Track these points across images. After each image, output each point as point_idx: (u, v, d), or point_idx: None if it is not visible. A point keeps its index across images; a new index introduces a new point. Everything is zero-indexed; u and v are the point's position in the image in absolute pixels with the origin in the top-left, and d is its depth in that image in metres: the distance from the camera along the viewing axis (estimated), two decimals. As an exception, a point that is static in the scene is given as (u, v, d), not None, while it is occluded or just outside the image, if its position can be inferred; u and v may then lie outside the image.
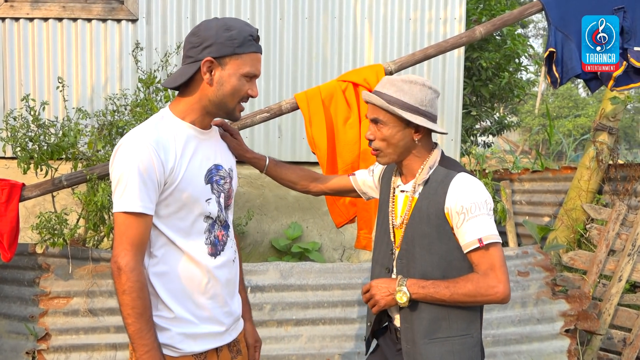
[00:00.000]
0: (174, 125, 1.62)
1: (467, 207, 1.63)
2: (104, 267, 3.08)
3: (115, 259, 1.50)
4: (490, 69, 7.41)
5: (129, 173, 1.49)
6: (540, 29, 39.99)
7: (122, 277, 1.49)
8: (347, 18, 4.63)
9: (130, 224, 1.50)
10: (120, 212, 1.51)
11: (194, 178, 1.61)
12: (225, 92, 1.61)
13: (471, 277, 1.64)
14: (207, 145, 1.69)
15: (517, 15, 3.04)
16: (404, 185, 1.79)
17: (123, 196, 1.50)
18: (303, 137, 4.61)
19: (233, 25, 1.60)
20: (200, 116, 1.66)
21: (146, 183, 1.50)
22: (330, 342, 3.18)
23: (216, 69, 1.59)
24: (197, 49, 1.59)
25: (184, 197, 1.58)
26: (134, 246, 1.51)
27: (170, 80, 1.65)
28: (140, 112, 3.18)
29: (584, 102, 31.55)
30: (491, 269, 1.62)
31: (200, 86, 1.61)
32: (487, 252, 1.63)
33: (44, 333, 2.97)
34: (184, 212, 1.60)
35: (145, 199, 1.51)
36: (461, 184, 1.66)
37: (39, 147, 2.91)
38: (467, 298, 1.63)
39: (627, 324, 3.43)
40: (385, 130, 1.71)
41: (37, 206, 4.18)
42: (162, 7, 4.51)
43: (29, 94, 3.04)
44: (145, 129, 1.58)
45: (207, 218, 1.64)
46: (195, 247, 1.62)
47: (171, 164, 1.55)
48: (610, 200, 4.24)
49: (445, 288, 1.64)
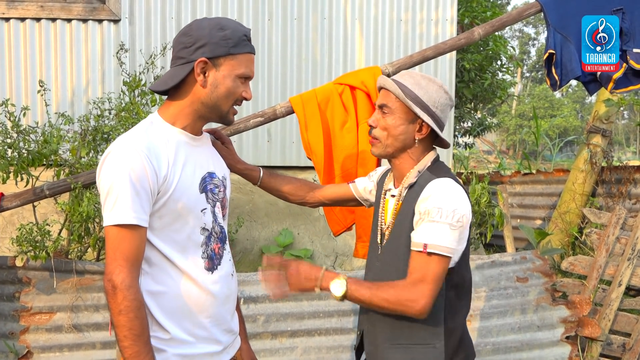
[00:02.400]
0: (164, 131, 1.53)
1: (429, 209, 1.54)
2: (88, 280, 2.93)
3: (110, 276, 1.38)
4: (473, 71, 7.43)
5: (120, 182, 1.39)
6: (515, 30, 40.59)
7: (118, 296, 1.37)
8: (337, 19, 4.54)
9: (124, 238, 1.39)
10: (112, 225, 1.40)
11: (188, 187, 1.51)
12: (219, 95, 1.53)
13: (397, 283, 1.54)
14: (199, 152, 1.60)
15: (515, 16, 2.97)
16: (394, 189, 1.73)
17: (114, 208, 1.39)
18: (293, 141, 4.51)
19: (227, 25, 1.52)
20: (192, 121, 1.57)
21: (139, 193, 1.40)
22: (326, 353, 3.09)
23: (210, 71, 1.51)
24: (189, 50, 1.50)
25: (179, 208, 1.48)
26: (129, 262, 1.40)
27: (160, 83, 1.55)
28: (126, 116, 3.04)
29: (559, 102, 32.11)
30: (421, 281, 1.51)
31: (193, 89, 1.53)
32: (426, 260, 1.52)
33: (25, 351, 2.82)
34: (179, 224, 1.50)
35: (139, 210, 1.40)
36: (434, 188, 1.57)
37: (18, 154, 2.75)
38: (386, 304, 1.52)
39: (626, 329, 3.40)
40: (389, 119, 1.66)
41: (15, 215, 4.00)
42: (146, 7, 4.36)
43: (8, 98, 2.88)
44: (135, 135, 1.48)
45: (203, 230, 1.55)
46: (191, 262, 1.52)
47: (164, 172, 1.45)
48: (604, 203, 4.22)
49: (367, 288, 1.54)
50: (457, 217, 1.54)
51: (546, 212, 4.82)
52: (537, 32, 41.17)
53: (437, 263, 1.52)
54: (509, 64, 8.68)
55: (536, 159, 7.60)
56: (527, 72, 39.28)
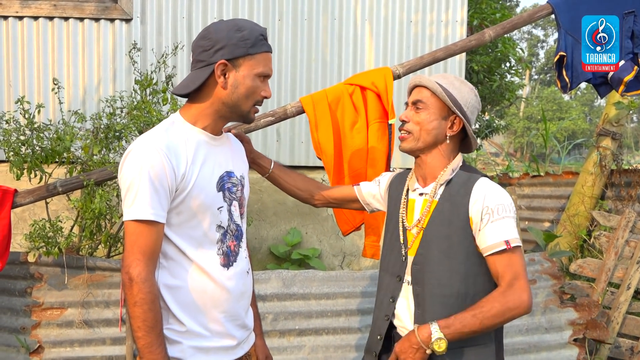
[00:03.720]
0: (184, 131, 1.57)
1: (492, 208, 1.58)
2: (99, 277, 2.96)
3: (127, 269, 1.44)
4: (481, 72, 7.42)
5: (140, 179, 1.44)
6: (524, 32, 40.40)
7: (134, 288, 1.43)
8: (347, 20, 4.54)
9: (142, 233, 1.45)
10: (131, 220, 1.46)
11: (205, 185, 1.56)
12: (240, 95, 1.57)
13: (494, 296, 1.55)
14: (218, 151, 1.64)
15: (527, 18, 2.98)
16: (422, 188, 1.75)
17: (134, 204, 1.45)
18: (302, 141, 4.52)
19: (243, 26, 1.56)
20: (212, 121, 1.61)
21: (157, 190, 1.46)
22: (334, 352, 3.10)
23: (230, 72, 1.55)
24: (209, 52, 1.54)
25: (196, 205, 1.53)
26: (145, 255, 1.45)
27: (182, 86, 1.59)
28: (138, 115, 3.06)
29: (568, 105, 31.95)
30: (516, 279, 1.54)
31: (214, 90, 1.57)
32: (512, 256, 1.56)
33: (37, 346, 2.85)
34: (196, 221, 1.55)
35: (157, 207, 1.46)
36: (486, 186, 1.63)
37: (32, 151, 2.78)
38: (497, 319, 1.54)
39: (635, 332, 3.39)
40: (423, 114, 1.70)
41: (27, 211, 4.04)
42: (157, 7, 4.39)
43: (23, 96, 2.91)
44: (155, 134, 1.53)
45: (219, 227, 1.59)
46: (207, 258, 1.57)
47: (182, 170, 1.50)
48: (614, 206, 4.20)
49: (473, 317, 1.54)
50: (514, 210, 1.62)
51: (555, 214, 4.81)
52: (546, 34, 41.00)
53: (520, 255, 1.58)
54: (518, 66, 8.69)
55: (544, 162, 7.57)
56: (536, 75, 39.10)
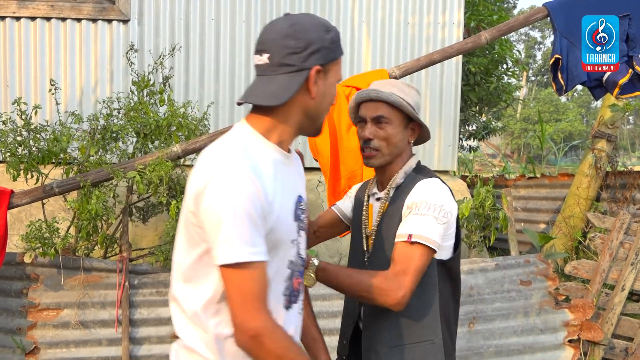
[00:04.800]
0: (260, 147, 1.29)
1: (417, 202, 1.57)
2: (95, 277, 2.96)
3: (245, 326, 1.17)
4: (478, 74, 7.44)
5: (235, 214, 1.17)
6: (521, 34, 40.49)
7: (268, 343, 1.17)
8: (344, 21, 4.56)
9: (250, 277, 1.19)
10: (231, 263, 1.18)
11: (286, 214, 1.31)
12: (325, 105, 1.34)
13: (379, 276, 1.53)
14: (290, 171, 1.36)
15: (523, 21, 3.00)
16: (379, 193, 1.75)
17: (235, 245, 1.17)
18: (299, 143, 4.53)
19: (329, 25, 1.32)
20: (290, 136, 1.34)
21: (256, 222, 1.19)
22: (330, 353, 3.09)
23: (321, 79, 1.30)
24: (301, 56, 1.26)
25: (275, 238, 1.27)
26: (262, 302, 1.19)
27: (270, 95, 1.27)
28: (135, 116, 3.07)
29: (565, 107, 32.03)
30: (404, 273, 1.51)
31: (299, 100, 1.29)
32: (411, 250, 1.52)
33: (33, 346, 2.85)
34: (270, 256, 1.25)
35: (260, 243, 1.20)
36: (423, 185, 1.62)
37: (29, 152, 2.78)
38: (364, 294, 1.54)
39: (629, 333, 3.41)
40: (389, 128, 1.66)
41: (23, 212, 4.03)
42: (155, 8, 4.39)
43: (20, 97, 2.92)
44: (236, 152, 1.23)
45: (290, 263, 1.34)
46: (273, 300, 1.28)
47: (271, 196, 1.24)
48: (609, 208, 4.22)
49: (348, 277, 1.56)
50: (443, 213, 1.56)
51: (550, 216, 4.83)
52: (543, 36, 41.09)
53: (421, 254, 1.53)
54: (515, 68, 8.70)
55: (541, 163, 7.60)
56: (533, 76, 39.20)
